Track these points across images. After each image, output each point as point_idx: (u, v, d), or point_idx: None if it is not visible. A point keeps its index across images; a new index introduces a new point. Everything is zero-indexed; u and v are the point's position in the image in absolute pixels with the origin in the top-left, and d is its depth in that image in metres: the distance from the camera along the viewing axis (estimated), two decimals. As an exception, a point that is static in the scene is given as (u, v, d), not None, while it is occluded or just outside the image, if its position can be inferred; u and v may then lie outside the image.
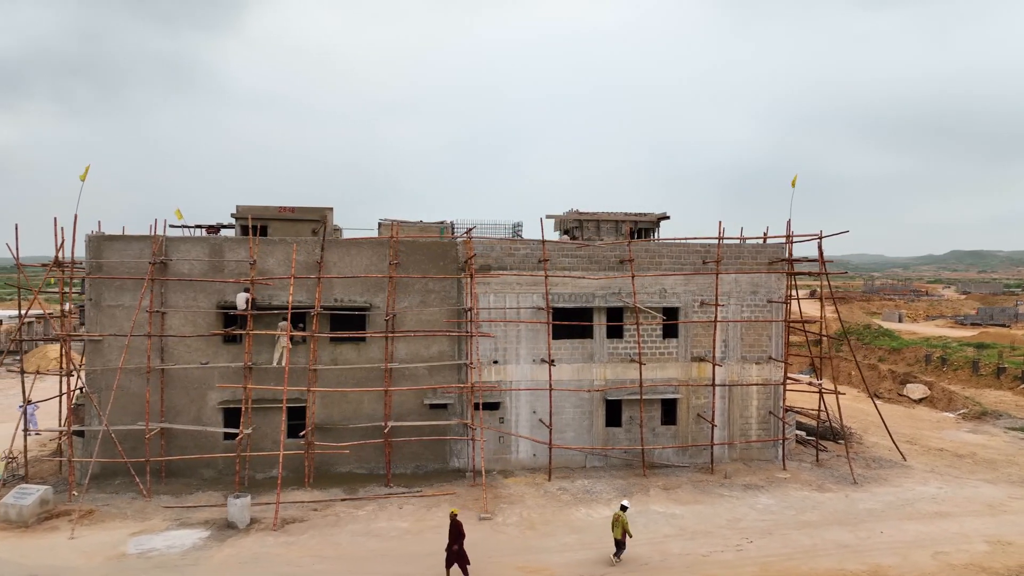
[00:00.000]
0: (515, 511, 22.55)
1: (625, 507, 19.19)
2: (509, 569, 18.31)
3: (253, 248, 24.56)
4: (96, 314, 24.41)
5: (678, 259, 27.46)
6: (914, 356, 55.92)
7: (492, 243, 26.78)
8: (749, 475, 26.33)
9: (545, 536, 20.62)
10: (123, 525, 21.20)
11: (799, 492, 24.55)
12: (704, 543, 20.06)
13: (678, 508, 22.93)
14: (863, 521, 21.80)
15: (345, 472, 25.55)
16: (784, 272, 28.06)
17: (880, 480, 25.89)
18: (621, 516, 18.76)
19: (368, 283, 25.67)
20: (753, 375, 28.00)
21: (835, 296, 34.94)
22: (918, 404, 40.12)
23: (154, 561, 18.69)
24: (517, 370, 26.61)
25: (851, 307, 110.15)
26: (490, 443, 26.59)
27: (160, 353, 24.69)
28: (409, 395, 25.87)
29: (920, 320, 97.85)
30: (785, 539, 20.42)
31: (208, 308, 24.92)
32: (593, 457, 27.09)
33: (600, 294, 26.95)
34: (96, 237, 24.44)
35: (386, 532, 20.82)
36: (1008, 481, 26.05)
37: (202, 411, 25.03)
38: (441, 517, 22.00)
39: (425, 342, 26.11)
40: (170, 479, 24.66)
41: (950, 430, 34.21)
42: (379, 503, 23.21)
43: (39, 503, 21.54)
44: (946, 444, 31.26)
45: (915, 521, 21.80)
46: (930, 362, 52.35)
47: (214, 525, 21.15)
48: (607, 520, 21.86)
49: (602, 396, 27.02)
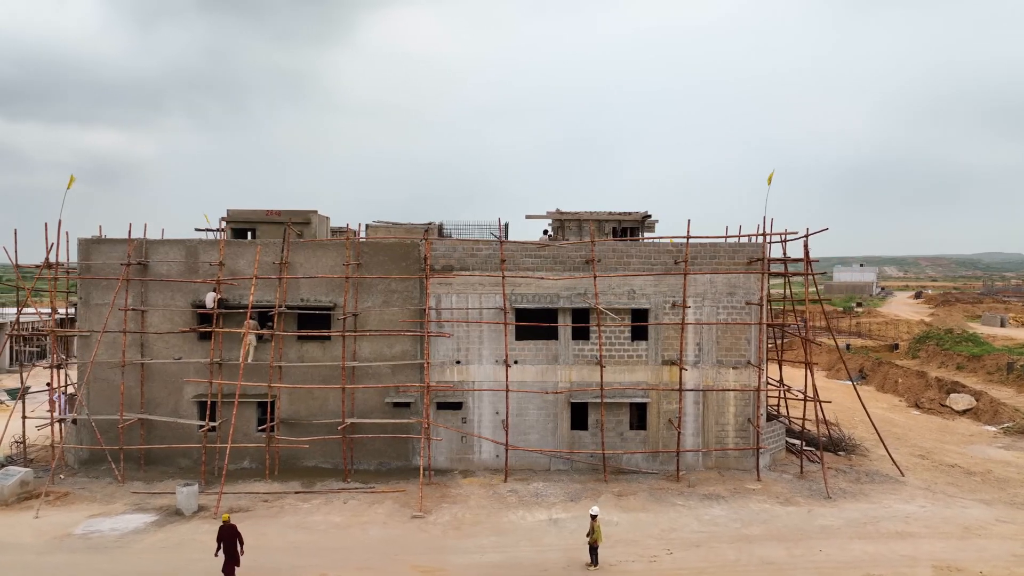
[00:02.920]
0: (452, 511, 22.64)
1: (595, 515, 18.73)
2: (405, 567, 18.47)
3: (222, 250, 25.85)
4: (86, 312, 26.42)
5: (648, 259, 26.64)
6: (995, 364, 51.39)
7: (455, 244, 26.95)
8: (716, 485, 25.20)
9: (465, 537, 20.61)
10: (87, 508, 22.88)
11: (760, 505, 23.29)
12: (622, 552, 19.45)
13: (620, 515, 22.28)
14: (809, 538, 20.46)
15: (311, 466, 26.43)
16: (763, 272, 26.64)
17: (859, 496, 24.15)
18: (594, 523, 18.55)
19: (333, 283, 26.43)
20: (730, 380, 26.75)
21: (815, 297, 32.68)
22: (961, 416, 36.93)
23: (91, 542, 20.10)
24: (480, 370, 26.64)
25: (951, 309, 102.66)
26: (453, 443, 26.77)
27: (141, 349, 26.40)
28: (372, 393, 26.43)
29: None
30: (710, 553, 19.48)
31: (184, 307, 26.44)
32: (558, 460, 26.73)
33: (565, 295, 26.54)
34: (85, 240, 26.44)
35: (316, 525, 21.43)
36: (1008, 503, 23.67)
37: (179, 404, 26.57)
38: (380, 513, 22.48)
39: (388, 341, 26.60)
40: (149, 467, 26.34)
41: (980, 445, 31.34)
42: (328, 497, 23.90)
43: (19, 484, 23.56)
44: (963, 460, 28.70)
45: (867, 541, 20.24)
46: (1012, 371, 47.94)
47: (165, 511, 22.47)
48: (540, 524, 21.70)
49: (567, 398, 26.61)
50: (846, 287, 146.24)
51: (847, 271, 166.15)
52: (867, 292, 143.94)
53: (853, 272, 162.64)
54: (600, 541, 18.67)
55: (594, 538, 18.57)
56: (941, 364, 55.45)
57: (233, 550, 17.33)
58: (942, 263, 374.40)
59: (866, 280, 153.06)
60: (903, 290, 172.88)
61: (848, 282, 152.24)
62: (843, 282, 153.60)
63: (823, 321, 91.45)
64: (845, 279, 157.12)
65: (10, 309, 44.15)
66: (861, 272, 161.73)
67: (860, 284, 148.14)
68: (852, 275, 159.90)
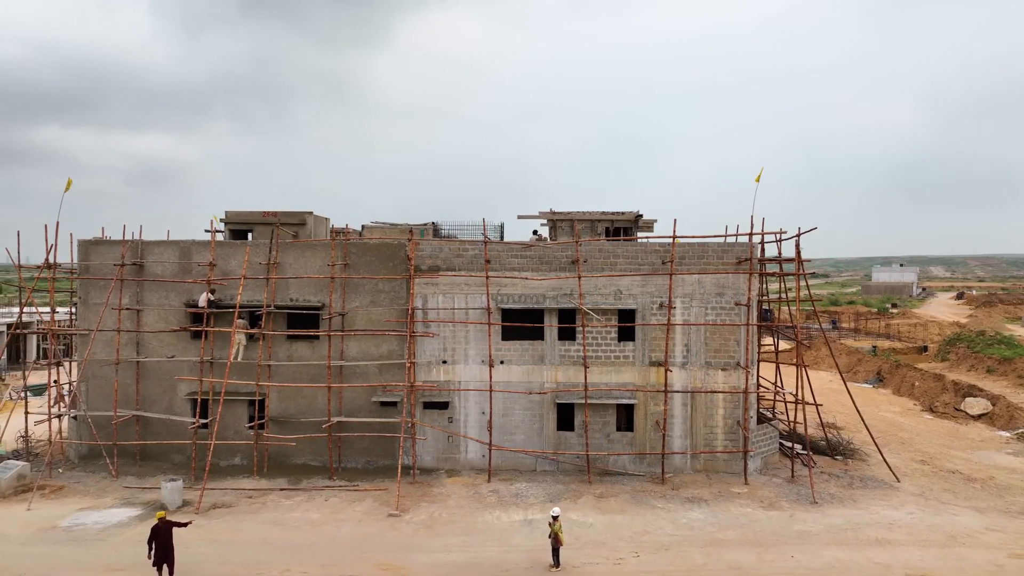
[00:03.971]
0: (429, 510, 22.76)
1: (556, 515, 18.74)
2: (367, 565, 18.62)
3: (213, 251, 26.39)
4: (85, 311, 27.22)
5: (635, 259, 26.41)
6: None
7: (441, 244, 27.08)
8: (701, 488, 24.86)
9: (435, 536, 20.70)
10: (79, 501, 23.57)
11: (742, 509, 22.91)
12: (589, 554, 19.33)
13: (596, 517, 22.15)
14: (784, 544, 20.07)
15: (300, 464, 26.81)
16: (755, 272, 26.20)
17: (846, 501, 23.59)
18: (554, 524, 18.52)
19: (322, 283, 26.77)
20: (719, 382, 26.35)
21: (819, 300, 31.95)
22: (976, 420, 35.76)
23: (73, 535, 20.70)
24: (466, 370, 26.71)
25: (991, 311, 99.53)
26: (439, 442, 26.90)
27: (136, 347, 27.10)
28: (360, 392, 26.70)
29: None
30: (677, 556, 19.25)
31: (178, 306, 27.06)
32: (544, 461, 26.67)
33: (551, 295, 26.47)
34: (84, 242, 27.25)
35: (292, 522, 21.75)
36: (1004, 511, 22.89)
37: (173, 401, 27.19)
38: (358, 511, 22.71)
39: (375, 341, 26.85)
40: (144, 462, 27.03)
41: (988, 451, 30.33)
42: (311, 495, 24.23)
43: (16, 477, 24.37)
44: (966, 466, 27.81)
45: (843, 547, 19.77)
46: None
47: (151, 506, 22.97)
48: (514, 525, 21.69)
49: (552, 399, 26.53)
50: (884, 288, 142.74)
51: (886, 271, 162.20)
52: (906, 293, 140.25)
53: (892, 272, 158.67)
54: (563, 542, 18.59)
55: (555, 538, 18.47)
56: (971, 367, 53.84)
57: (169, 545, 17.44)
58: (992, 263, 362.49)
59: (906, 280, 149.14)
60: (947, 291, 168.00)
61: (887, 283, 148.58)
62: (881, 283, 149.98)
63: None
64: (884, 279, 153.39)
65: (11, 308, 45.64)
66: (901, 272, 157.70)
67: (899, 285, 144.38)
68: (891, 275, 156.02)
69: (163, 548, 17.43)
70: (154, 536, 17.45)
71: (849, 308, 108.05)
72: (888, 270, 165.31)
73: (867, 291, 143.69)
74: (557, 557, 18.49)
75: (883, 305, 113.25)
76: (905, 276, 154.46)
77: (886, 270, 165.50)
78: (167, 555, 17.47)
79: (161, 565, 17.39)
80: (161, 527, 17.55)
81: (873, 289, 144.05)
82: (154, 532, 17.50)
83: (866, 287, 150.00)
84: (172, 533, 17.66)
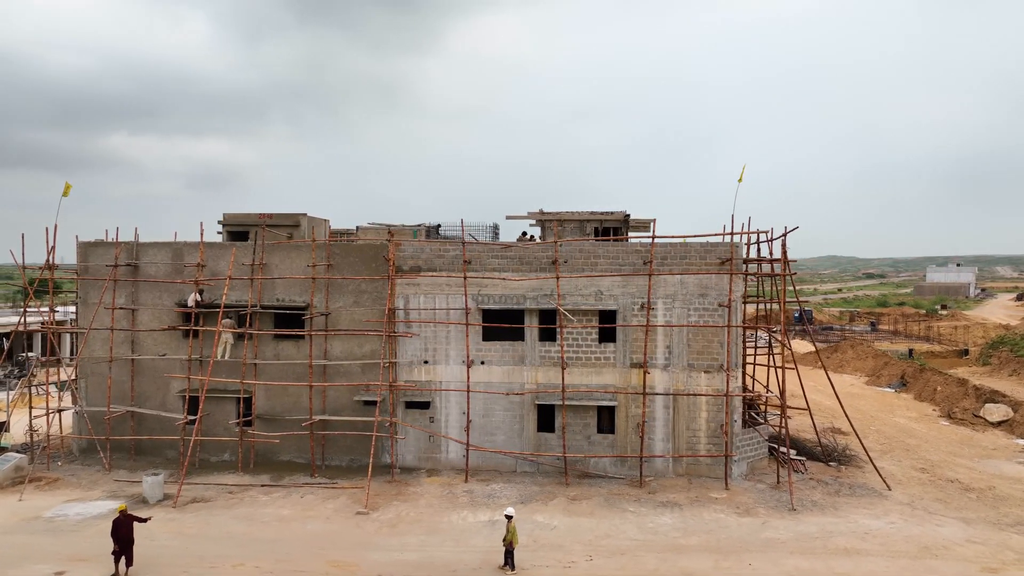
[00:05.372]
0: (398, 509, 22.92)
1: (509, 516, 18.79)
2: (320, 562, 18.85)
3: (202, 252, 27.11)
4: (84, 310, 28.27)
5: (616, 260, 26.09)
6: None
7: (422, 245, 27.23)
8: (679, 492, 24.40)
9: (395, 535, 20.83)
10: (69, 493, 24.51)
11: (714, 514, 22.41)
12: (542, 557, 19.20)
13: (562, 520, 21.97)
14: (746, 551, 19.56)
15: (285, 461, 27.31)
16: (738, 273, 25.59)
17: (827, 509, 22.85)
18: (509, 524, 18.51)
19: (307, 284, 27.21)
20: (702, 384, 25.82)
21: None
22: (995, 427, 34.16)
23: (53, 525, 21.54)
24: (447, 370, 26.80)
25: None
26: (421, 442, 27.06)
27: (132, 345, 28.01)
28: (344, 391, 27.05)
29: None
30: (631, 561, 18.95)
31: (171, 306, 27.86)
32: (524, 462, 26.56)
33: (531, 295, 26.35)
34: (83, 243, 28.29)
35: (262, 517, 22.17)
36: (993, 523, 21.83)
37: (167, 397, 28.01)
38: (329, 509, 23.02)
39: (358, 341, 27.16)
40: (139, 457, 27.91)
41: (998, 460, 28.96)
42: (290, 491, 24.66)
43: (13, 469, 25.48)
44: (968, 475, 26.61)
45: (806, 556, 19.17)
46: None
47: (134, 499, 23.73)
48: (477, 525, 21.70)
49: (532, 400, 26.40)
50: (938, 288, 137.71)
51: (941, 271, 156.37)
52: (962, 294, 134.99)
53: (948, 272, 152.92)
54: (516, 543, 18.49)
55: (509, 540, 18.41)
56: (1013, 372, 51.45)
57: (130, 538, 17.91)
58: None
59: (962, 281, 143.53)
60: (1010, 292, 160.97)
61: (941, 283, 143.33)
62: (936, 283, 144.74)
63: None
64: (938, 280, 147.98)
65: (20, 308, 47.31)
66: (957, 272, 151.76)
67: (955, 285, 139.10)
68: (947, 275, 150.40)
69: (123, 541, 17.98)
70: (115, 529, 18.03)
71: (896, 310, 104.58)
72: (944, 270, 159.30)
73: (920, 292, 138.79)
74: (510, 559, 18.35)
75: (933, 306, 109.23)
76: (961, 276, 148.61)
77: (941, 270, 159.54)
78: (126, 548, 18.01)
79: (120, 557, 17.95)
80: (122, 520, 18.12)
81: (926, 290, 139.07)
82: (115, 525, 18.08)
83: (919, 288, 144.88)
84: (133, 526, 18.21)
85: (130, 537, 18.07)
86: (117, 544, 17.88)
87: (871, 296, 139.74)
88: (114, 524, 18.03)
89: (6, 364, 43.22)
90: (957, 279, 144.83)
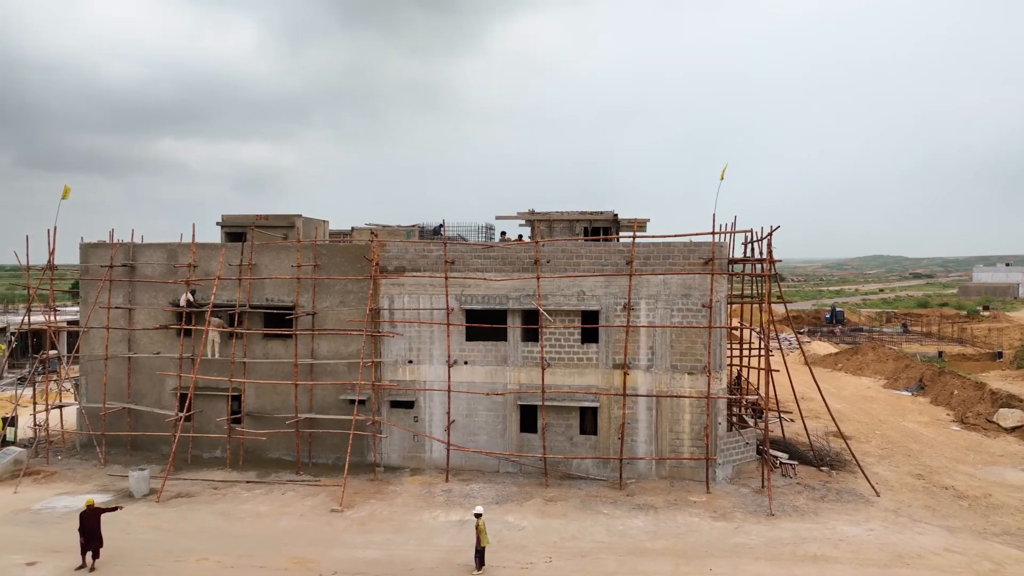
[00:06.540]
0: (373, 507, 23.11)
1: (478, 513, 18.82)
2: (282, 558, 19.11)
3: (193, 253, 27.73)
4: (85, 310, 29.16)
5: (598, 260, 25.88)
6: (1100, 375, 45.64)
7: (407, 245, 27.40)
8: (658, 495, 24.09)
9: (364, 533, 21.01)
10: (63, 487, 25.30)
11: (689, 518, 22.07)
12: (503, 557, 19.12)
13: (533, 521, 21.89)
14: (711, 556, 19.22)
15: (274, 458, 27.76)
16: (721, 273, 25.16)
17: (807, 514, 22.31)
18: (479, 523, 18.54)
19: (294, 284, 27.61)
20: (685, 386, 25.44)
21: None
22: (1009, 433, 32.87)
23: (39, 517, 22.27)
24: (431, 370, 26.92)
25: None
26: (406, 441, 27.23)
27: (128, 344, 28.79)
28: (330, 390, 27.39)
29: None
30: (591, 563, 18.79)
31: (165, 305, 28.56)
32: (507, 463, 26.53)
33: (514, 296, 26.31)
34: (84, 244, 29.19)
35: (239, 514, 22.58)
36: (979, 531, 21.05)
37: (162, 395, 28.73)
38: (307, 506, 23.33)
39: (345, 340, 27.45)
40: (135, 452, 28.68)
41: (1002, 467, 27.87)
42: (272, 488, 25.07)
43: (12, 463, 26.42)
44: (965, 482, 25.70)
45: (772, 563, 18.75)
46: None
47: (121, 493, 24.43)
48: (447, 525, 21.75)
49: (515, 400, 26.35)
50: (985, 289, 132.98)
51: (988, 271, 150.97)
52: (1010, 295, 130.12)
53: (996, 272, 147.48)
54: (486, 542, 18.36)
55: (478, 539, 18.28)
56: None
57: (97, 533, 18.38)
58: None
59: (1010, 281, 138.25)
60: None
61: (988, 283, 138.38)
62: (982, 283, 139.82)
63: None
64: (985, 280, 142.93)
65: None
66: (1005, 272, 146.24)
67: (1002, 286, 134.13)
68: (994, 275, 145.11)
69: (89, 534, 18.49)
70: (82, 522, 18.54)
71: (936, 311, 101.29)
72: (991, 270, 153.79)
73: (965, 292, 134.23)
74: (479, 558, 18.28)
75: (975, 307, 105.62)
76: (1010, 276, 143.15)
77: (989, 270, 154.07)
78: (92, 541, 18.50)
79: (86, 551, 18.46)
80: (88, 514, 18.62)
81: (972, 290, 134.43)
82: (81, 518, 18.59)
83: (964, 288, 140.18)
84: (100, 520, 18.71)
85: (96, 531, 18.55)
86: (83, 537, 18.40)
87: (913, 297, 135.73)
88: (81, 517, 18.56)
89: (23, 362, 44.76)
90: (1005, 279, 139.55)
